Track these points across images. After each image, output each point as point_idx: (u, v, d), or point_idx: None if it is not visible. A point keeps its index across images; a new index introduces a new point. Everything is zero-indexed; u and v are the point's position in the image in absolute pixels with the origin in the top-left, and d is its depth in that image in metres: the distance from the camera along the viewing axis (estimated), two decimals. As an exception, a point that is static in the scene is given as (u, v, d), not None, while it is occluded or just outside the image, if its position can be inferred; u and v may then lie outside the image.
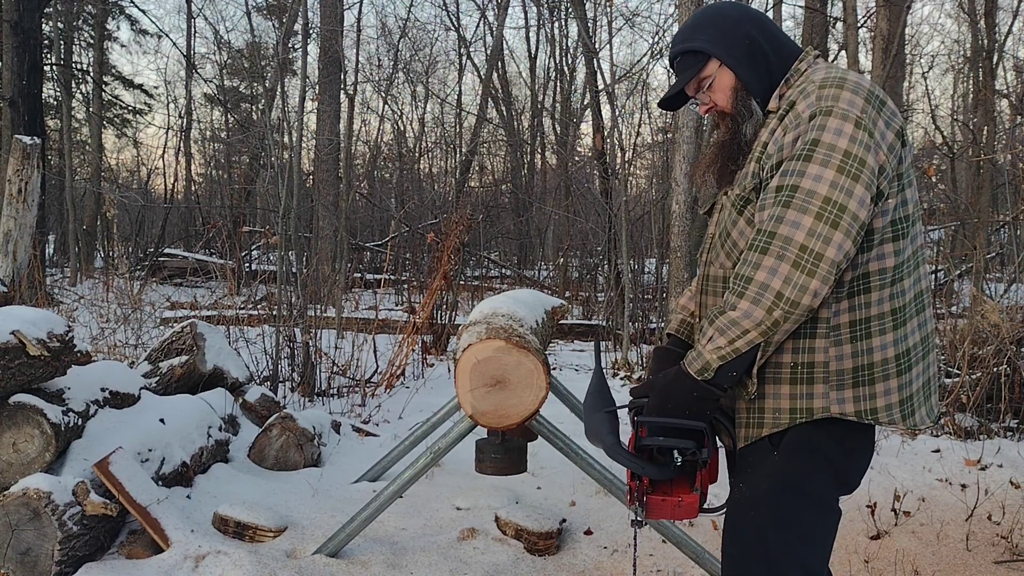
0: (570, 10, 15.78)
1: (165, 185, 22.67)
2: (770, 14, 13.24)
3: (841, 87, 1.47)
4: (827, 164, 1.40)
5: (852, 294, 1.50)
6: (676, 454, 1.55)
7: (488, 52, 17.18)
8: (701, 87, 1.66)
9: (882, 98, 1.50)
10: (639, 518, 1.58)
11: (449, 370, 6.27)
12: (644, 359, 6.89)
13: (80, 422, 2.96)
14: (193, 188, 22.24)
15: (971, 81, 16.95)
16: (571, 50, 18.61)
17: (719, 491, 2.70)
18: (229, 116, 20.67)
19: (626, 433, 1.69)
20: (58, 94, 18.22)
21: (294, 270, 6.61)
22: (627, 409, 1.63)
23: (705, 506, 1.62)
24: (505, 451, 2.74)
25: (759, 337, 1.44)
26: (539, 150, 19.42)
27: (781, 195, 1.43)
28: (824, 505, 1.57)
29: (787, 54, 1.64)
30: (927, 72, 26.60)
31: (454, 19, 21.54)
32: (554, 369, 6.62)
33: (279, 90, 8.51)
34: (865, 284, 1.50)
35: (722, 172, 1.67)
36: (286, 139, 9.64)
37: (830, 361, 1.50)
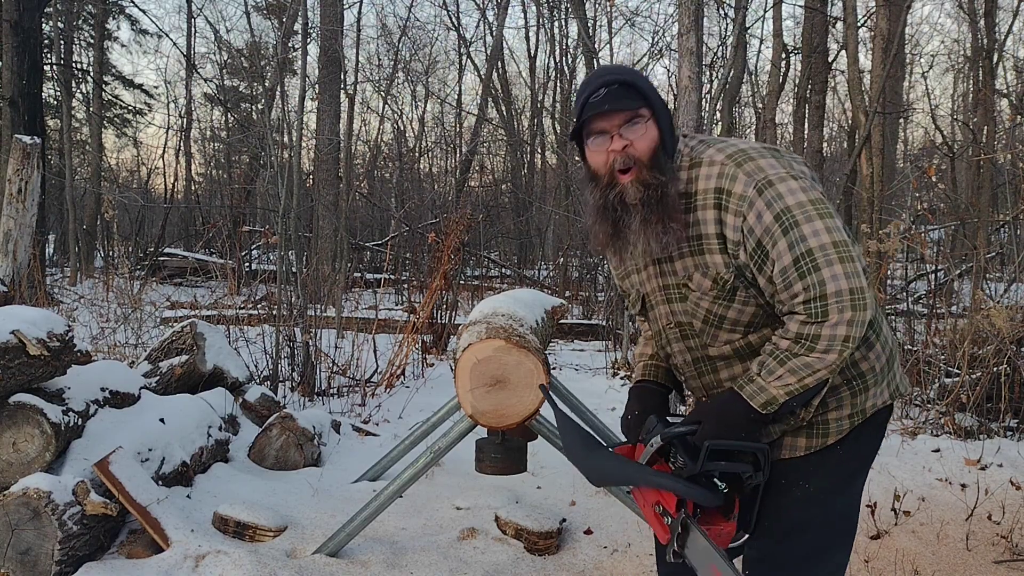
0: (570, 10, 15.78)
1: (165, 185, 22.71)
2: (770, 14, 13.23)
3: (751, 159, 1.56)
4: (811, 219, 1.51)
5: None
6: (719, 482, 1.55)
7: (488, 52, 17.18)
8: (632, 121, 1.60)
9: (771, 147, 1.62)
10: (682, 550, 1.55)
11: (449, 370, 6.27)
12: (644, 359, 6.88)
13: (80, 422, 2.96)
14: (193, 188, 22.25)
15: (971, 81, 16.95)
16: (571, 50, 18.62)
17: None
18: (229, 116, 20.67)
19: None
20: (58, 94, 18.22)
21: (294, 270, 6.61)
22: (656, 439, 1.61)
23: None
24: (505, 451, 2.74)
25: (828, 375, 1.54)
26: (539, 150, 19.42)
27: (804, 263, 1.50)
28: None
29: (674, 132, 1.68)
30: (927, 72, 26.57)
31: (454, 19, 21.54)
32: (554, 369, 6.62)
33: (279, 90, 8.51)
34: None
35: (666, 231, 1.61)
36: (286, 139, 9.64)
37: (874, 364, 1.65)
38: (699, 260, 1.62)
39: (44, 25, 13.68)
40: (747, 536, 1.66)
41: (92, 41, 20.39)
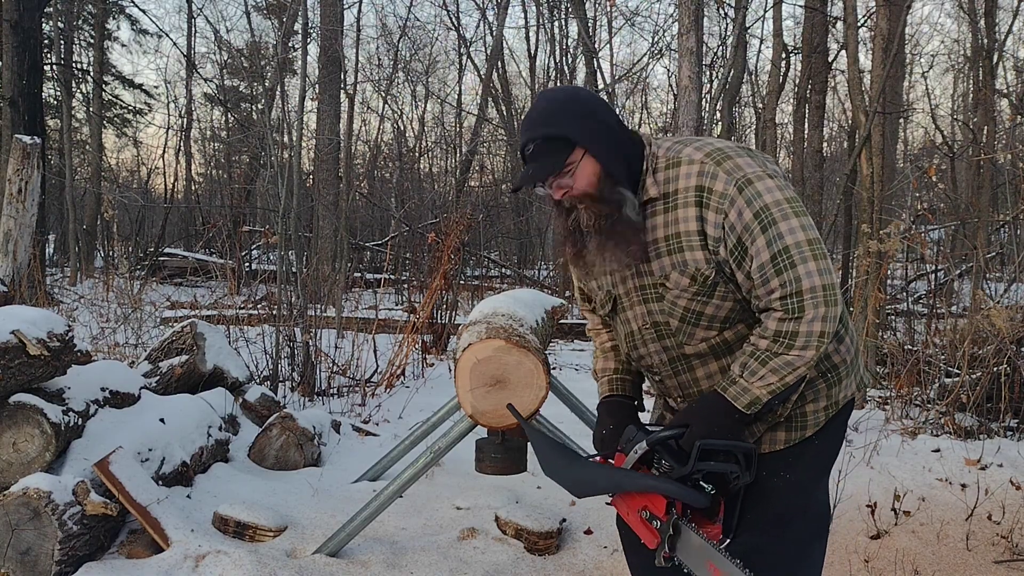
0: (570, 10, 15.78)
1: (165, 185, 22.70)
2: (770, 14, 13.23)
3: (729, 157, 1.61)
4: (787, 216, 1.56)
5: None
6: (705, 484, 1.56)
7: (488, 52, 17.17)
8: (563, 172, 1.64)
9: (745, 146, 1.68)
10: (673, 553, 1.55)
11: (449, 370, 6.27)
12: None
13: (80, 422, 2.96)
14: (193, 188, 22.26)
15: (971, 81, 16.94)
16: (571, 50, 18.60)
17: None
18: (229, 116, 20.67)
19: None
20: (58, 94, 18.21)
21: (294, 270, 6.61)
22: (642, 444, 1.61)
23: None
24: (505, 451, 2.74)
25: (806, 371, 1.61)
26: (539, 150, 19.36)
27: (780, 260, 1.55)
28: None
29: (635, 140, 1.69)
30: (927, 72, 26.57)
31: (454, 19, 21.51)
32: (554, 369, 6.62)
33: (279, 90, 8.51)
34: None
35: (629, 255, 1.67)
36: (286, 139, 9.64)
37: (845, 357, 1.73)
38: (677, 258, 1.65)
39: (44, 25, 13.67)
40: (729, 540, 1.67)
41: (92, 41, 20.38)
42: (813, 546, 1.77)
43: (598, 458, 1.78)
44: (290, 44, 15.34)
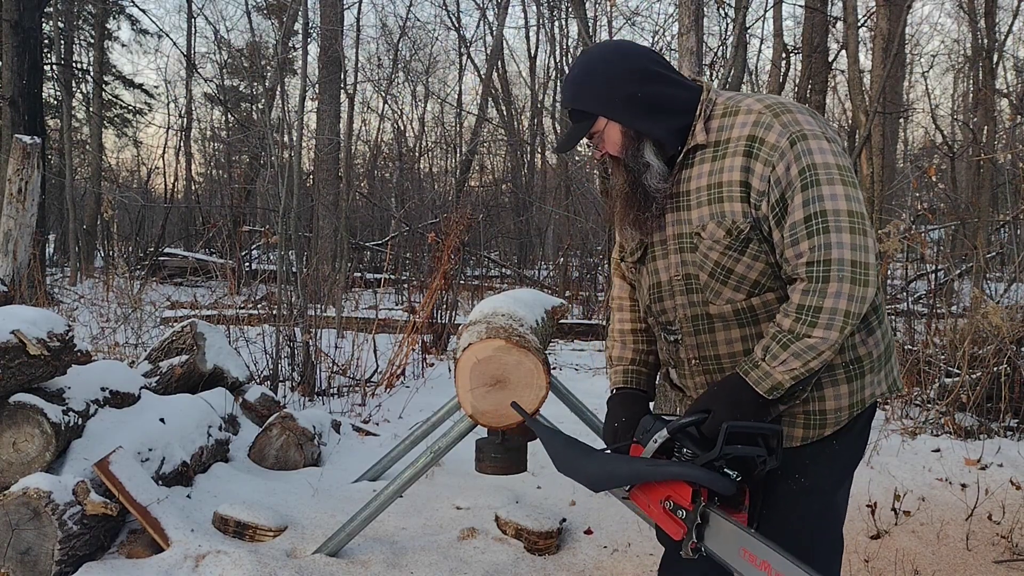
0: (570, 9, 15.78)
1: (165, 185, 22.73)
2: (770, 14, 13.22)
3: (789, 111, 1.57)
4: (833, 181, 1.50)
5: None
6: (729, 471, 1.51)
7: (488, 52, 17.17)
8: (593, 138, 1.70)
9: (810, 108, 1.63)
10: (701, 542, 1.49)
11: (449, 370, 6.27)
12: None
13: (80, 421, 2.96)
14: (193, 188, 22.26)
15: (971, 81, 16.94)
16: (571, 50, 18.59)
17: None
18: (229, 116, 20.67)
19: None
20: (58, 94, 18.21)
21: (294, 270, 6.61)
22: (663, 432, 1.57)
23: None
24: (505, 451, 2.73)
25: (831, 355, 1.54)
26: (539, 150, 19.42)
27: (813, 223, 1.50)
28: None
29: (689, 88, 1.67)
30: (927, 72, 26.60)
31: (454, 19, 21.54)
32: (554, 369, 6.62)
33: (279, 90, 8.52)
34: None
35: (638, 221, 1.70)
36: (286, 139, 9.64)
37: (871, 350, 1.64)
38: (716, 209, 1.60)
39: (44, 25, 13.67)
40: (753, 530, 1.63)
41: (92, 41, 20.38)
42: (821, 551, 1.70)
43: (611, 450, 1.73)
44: (290, 44, 15.34)
